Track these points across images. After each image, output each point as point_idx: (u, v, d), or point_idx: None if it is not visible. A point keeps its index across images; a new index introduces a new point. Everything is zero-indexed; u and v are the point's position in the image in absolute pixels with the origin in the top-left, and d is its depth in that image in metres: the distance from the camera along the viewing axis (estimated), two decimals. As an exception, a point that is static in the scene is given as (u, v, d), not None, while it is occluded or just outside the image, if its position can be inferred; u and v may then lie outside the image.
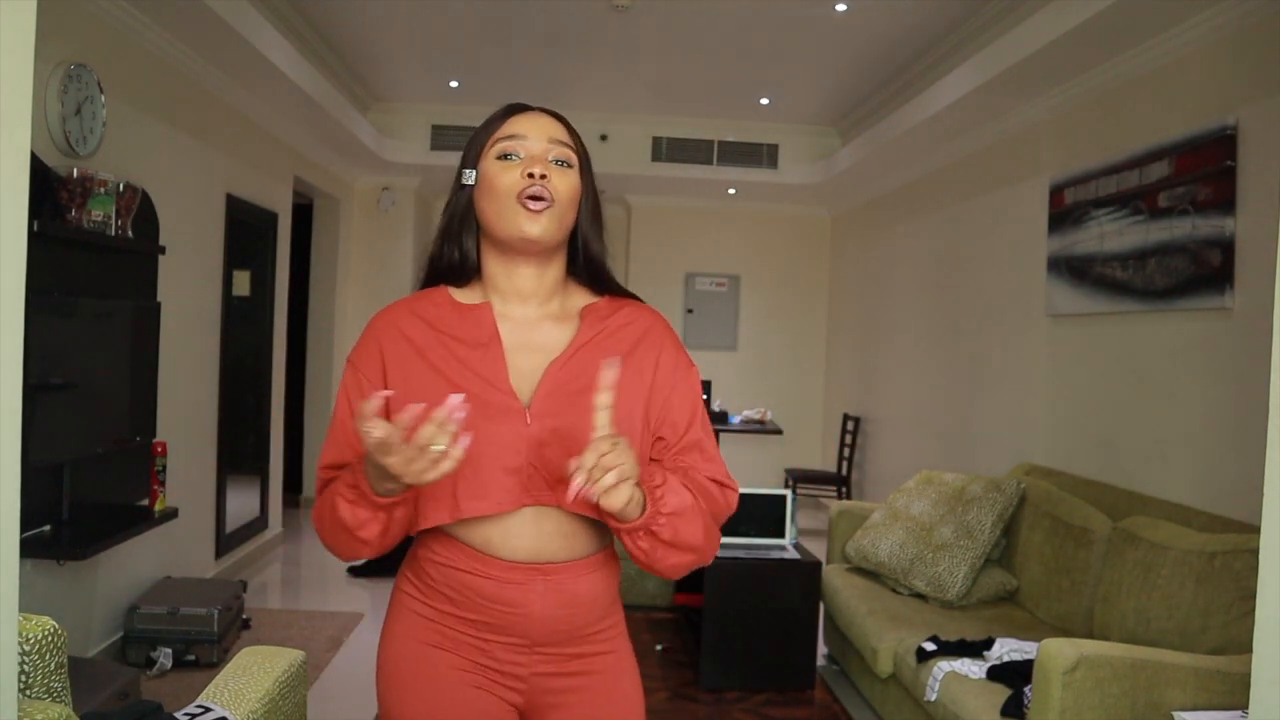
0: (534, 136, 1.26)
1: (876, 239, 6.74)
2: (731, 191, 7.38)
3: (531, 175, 1.22)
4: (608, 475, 1.05)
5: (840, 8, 4.53)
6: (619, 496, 1.08)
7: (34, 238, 1.69)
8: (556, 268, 1.30)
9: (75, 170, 3.02)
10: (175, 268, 3.95)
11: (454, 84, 6.15)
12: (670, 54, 5.39)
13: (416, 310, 1.29)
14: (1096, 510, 3.25)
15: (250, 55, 4.08)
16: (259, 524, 5.35)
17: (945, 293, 5.40)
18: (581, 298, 1.33)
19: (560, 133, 1.28)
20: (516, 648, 1.26)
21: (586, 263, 1.32)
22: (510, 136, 1.26)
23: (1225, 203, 3.02)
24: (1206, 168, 3.10)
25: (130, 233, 3.34)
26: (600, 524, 1.26)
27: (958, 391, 5.16)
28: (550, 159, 1.26)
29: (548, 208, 1.23)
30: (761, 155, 6.91)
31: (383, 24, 5.09)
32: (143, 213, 3.53)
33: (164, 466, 3.55)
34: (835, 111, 6.50)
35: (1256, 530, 1.16)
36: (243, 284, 5.04)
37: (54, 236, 2.95)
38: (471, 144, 1.30)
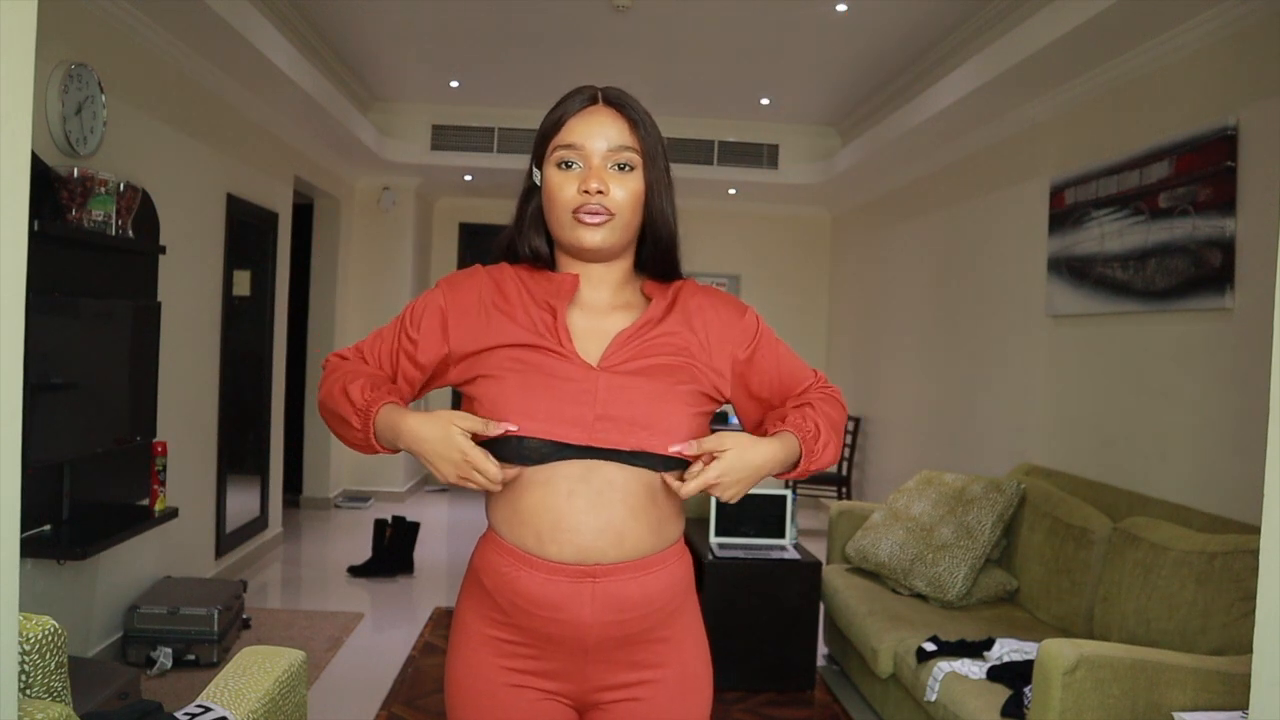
0: (591, 145, 1.25)
1: (876, 239, 6.74)
2: (732, 192, 7.38)
3: (588, 191, 1.23)
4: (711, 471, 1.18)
5: (840, 8, 4.53)
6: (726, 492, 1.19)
7: (34, 237, 1.69)
8: (625, 260, 1.32)
9: (76, 170, 3.02)
10: (175, 268, 3.95)
11: (454, 84, 6.14)
12: (670, 54, 5.39)
13: (513, 270, 1.33)
14: (1096, 510, 3.25)
15: (251, 55, 4.08)
16: (259, 524, 5.35)
17: (945, 293, 5.39)
18: (650, 283, 1.35)
19: (620, 135, 1.26)
20: (570, 654, 1.25)
21: (654, 256, 1.32)
22: (568, 146, 1.25)
23: (1225, 203, 3.02)
24: (1207, 168, 3.10)
25: (130, 232, 3.34)
26: (657, 523, 1.24)
27: (958, 392, 5.16)
28: (610, 166, 1.25)
29: (606, 221, 1.24)
30: (761, 155, 6.90)
31: (383, 24, 5.09)
32: (143, 212, 3.53)
33: (164, 466, 3.55)
34: (835, 111, 6.49)
35: (1256, 530, 1.16)
36: (243, 284, 5.04)
37: (54, 236, 2.95)
38: (538, 140, 1.30)
